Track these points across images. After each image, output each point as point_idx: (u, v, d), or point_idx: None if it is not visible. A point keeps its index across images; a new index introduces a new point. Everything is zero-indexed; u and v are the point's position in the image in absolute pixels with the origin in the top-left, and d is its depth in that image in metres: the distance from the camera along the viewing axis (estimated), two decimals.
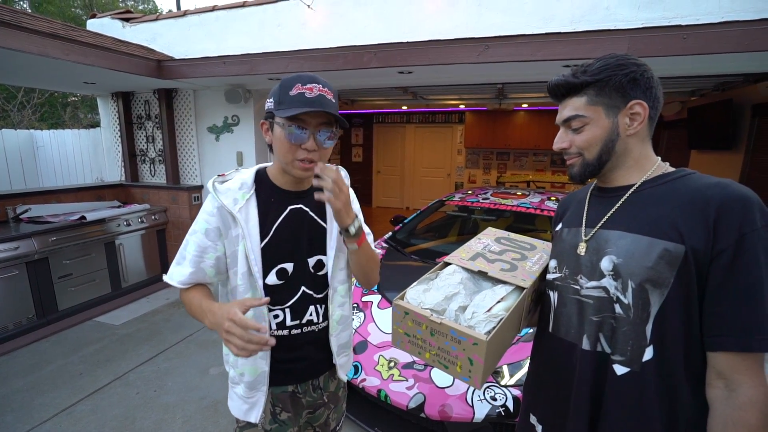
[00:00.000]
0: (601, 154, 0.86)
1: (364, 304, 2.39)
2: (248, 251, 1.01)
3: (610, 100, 0.83)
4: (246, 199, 1.04)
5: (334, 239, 1.14)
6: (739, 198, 0.73)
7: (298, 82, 0.96)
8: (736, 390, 0.71)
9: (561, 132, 0.92)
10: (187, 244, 1.06)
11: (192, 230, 1.06)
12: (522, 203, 3.18)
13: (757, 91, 4.08)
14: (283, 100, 0.97)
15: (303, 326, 1.12)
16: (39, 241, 3.17)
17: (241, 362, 1.07)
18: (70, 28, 3.03)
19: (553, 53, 2.53)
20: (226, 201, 1.01)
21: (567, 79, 0.86)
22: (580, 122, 0.86)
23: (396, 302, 0.94)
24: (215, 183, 1.05)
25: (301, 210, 1.11)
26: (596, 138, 0.85)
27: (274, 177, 1.11)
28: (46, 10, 11.93)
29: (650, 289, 0.77)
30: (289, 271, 1.08)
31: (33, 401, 2.42)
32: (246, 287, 1.04)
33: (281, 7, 3.57)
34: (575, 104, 0.86)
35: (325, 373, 1.21)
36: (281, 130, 0.98)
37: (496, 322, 0.84)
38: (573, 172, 0.92)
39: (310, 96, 0.95)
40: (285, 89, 0.96)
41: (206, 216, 1.04)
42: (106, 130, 4.94)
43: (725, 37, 2.21)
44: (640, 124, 0.84)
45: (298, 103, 0.94)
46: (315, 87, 0.96)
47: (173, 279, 1.06)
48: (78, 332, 3.34)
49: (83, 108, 11.74)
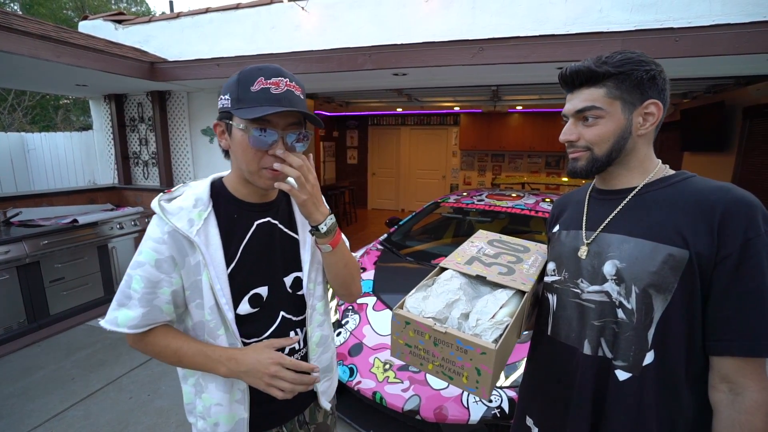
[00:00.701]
0: (611, 150, 0.83)
1: (359, 306, 2.38)
2: (212, 280, 0.85)
3: (628, 96, 0.81)
4: (203, 219, 0.86)
5: (308, 249, 1.00)
6: (743, 203, 0.73)
7: (260, 76, 0.80)
8: (741, 394, 0.71)
9: (570, 124, 0.87)
10: (131, 280, 0.85)
11: (136, 262, 0.85)
12: (517, 205, 3.19)
13: (749, 94, 4.13)
14: (242, 97, 0.80)
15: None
16: (30, 244, 3.14)
17: (215, 411, 0.91)
18: (61, 30, 3.01)
19: (546, 55, 2.55)
20: (179, 223, 0.83)
21: (589, 66, 0.81)
22: (595, 114, 0.82)
23: (396, 311, 0.90)
24: (161, 202, 0.86)
25: (270, 224, 0.96)
26: (609, 133, 0.82)
27: (234, 188, 0.93)
28: (37, 12, 11.86)
29: (654, 294, 0.76)
30: (264, 296, 0.93)
31: (24, 407, 2.38)
32: (217, 322, 0.88)
33: (275, 9, 3.57)
34: (593, 95, 0.82)
35: (310, 405, 1.07)
36: (242, 134, 0.82)
37: (503, 329, 0.82)
38: (578, 167, 0.87)
39: (276, 92, 0.80)
40: (244, 84, 0.80)
41: (154, 244, 0.84)
42: (99, 133, 4.90)
43: (716, 39, 2.24)
44: (652, 125, 0.82)
45: (262, 102, 0.79)
46: (281, 81, 0.81)
47: (121, 325, 0.84)
48: (70, 336, 3.30)
49: (75, 110, 11.67)
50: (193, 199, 0.87)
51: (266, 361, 0.82)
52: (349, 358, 2.06)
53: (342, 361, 2.05)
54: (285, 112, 0.81)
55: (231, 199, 0.93)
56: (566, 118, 0.88)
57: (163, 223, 0.84)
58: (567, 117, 0.88)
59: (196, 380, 0.95)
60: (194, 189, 0.91)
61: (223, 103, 0.84)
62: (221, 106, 0.85)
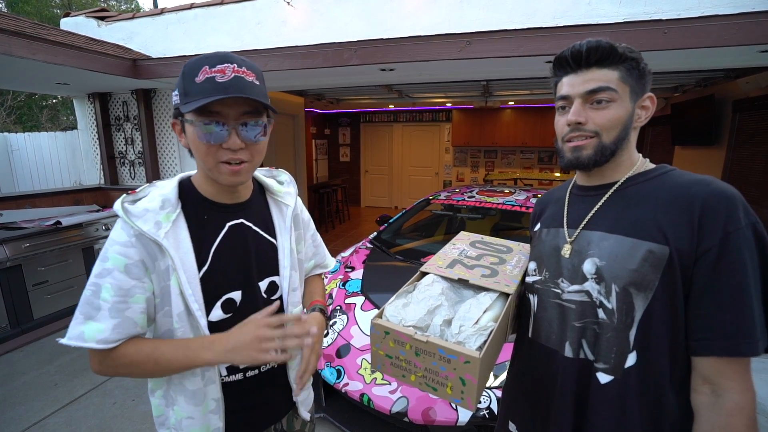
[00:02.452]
0: (618, 139, 0.78)
1: (348, 306, 2.34)
2: (183, 285, 0.79)
3: (636, 84, 0.77)
4: (172, 221, 0.81)
5: (287, 256, 0.96)
6: (723, 196, 0.70)
7: (204, 65, 0.74)
8: (722, 395, 0.68)
9: (577, 105, 0.78)
10: (98, 290, 0.76)
11: (101, 270, 0.77)
12: (507, 201, 3.16)
13: (738, 87, 4.13)
14: (188, 90, 0.75)
15: (260, 366, 0.93)
16: (11, 247, 3.06)
17: (186, 424, 0.86)
18: (38, 26, 2.92)
19: (535, 48, 2.51)
20: (145, 226, 0.77)
21: (611, 44, 0.75)
22: (609, 96, 0.76)
23: (374, 321, 0.85)
24: (125, 204, 0.79)
25: (243, 225, 0.91)
26: (619, 119, 0.77)
27: (202, 188, 0.88)
28: (22, 10, 11.66)
29: (634, 292, 0.73)
30: (238, 301, 0.88)
31: (3, 414, 2.32)
32: (186, 330, 0.82)
33: (261, 5, 3.51)
34: (607, 76, 0.76)
35: (288, 413, 1.03)
36: (192, 129, 0.77)
37: (487, 335, 0.78)
38: (583, 156, 0.79)
39: (222, 80, 0.74)
40: (189, 76, 0.75)
41: (121, 248, 0.77)
42: (84, 132, 4.80)
43: (705, 31, 2.21)
44: (646, 119, 0.80)
45: (208, 92, 0.74)
46: (228, 68, 0.75)
47: (88, 340, 0.75)
48: (54, 341, 3.22)
49: (63, 110, 11.50)
50: (160, 200, 0.81)
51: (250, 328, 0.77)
52: (336, 359, 2.02)
53: (329, 363, 2.01)
54: (234, 101, 0.76)
55: (200, 200, 0.87)
56: (566, 100, 0.80)
57: (127, 226, 0.78)
58: (570, 98, 0.80)
59: (164, 392, 0.90)
60: (161, 189, 0.85)
61: (174, 100, 0.80)
62: (174, 103, 0.81)
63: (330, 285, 2.59)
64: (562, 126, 0.82)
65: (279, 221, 0.98)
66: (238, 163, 0.80)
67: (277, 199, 1.00)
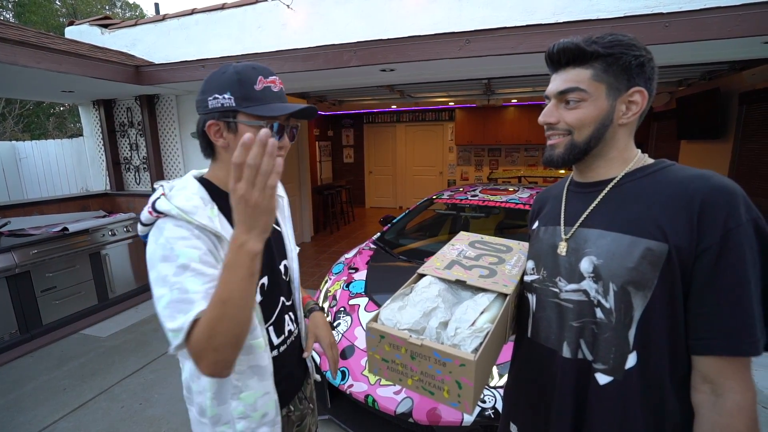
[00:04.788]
0: (591, 138, 0.78)
1: (351, 307, 2.34)
2: None
3: (614, 81, 0.76)
4: (216, 215, 0.85)
5: (291, 241, 1.10)
6: (724, 191, 0.68)
7: (259, 75, 0.84)
8: (723, 395, 0.67)
9: (550, 106, 0.81)
10: (183, 288, 0.73)
11: (176, 269, 0.74)
12: (511, 199, 3.14)
13: (744, 79, 4.07)
14: (249, 95, 0.83)
15: (287, 340, 1.04)
16: (19, 254, 3.10)
17: (261, 402, 0.91)
18: (42, 36, 2.96)
19: (535, 46, 2.49)
20: (203, 221, 0.80)
21: (578, 44, 0.76)
22: (578, 96, 0.77)
23: (369, 325, 0.84)
24: (175, 204, 0.81)
25: None
26: (590, 118, 0.77)
27: (224, 185, 0.92)
28: (29, 20, 11.83)
29: (633, 291, 0.71)
30: (266, 284, 0.97)
31: (13, 420, 2.35)
32: None
33: (261, 9, 3.52)
34: (579, 76, 0.76)
35: (304, 381, 1.13)
36: (254, 131, 0.80)
37: (483, 336, 0.76)
38: (555, 155, 0.82)
39: (276, 90, 0.86)
40: (248, 83, 0.83)
41: (187, 242, 0.77)
42: (89, 139, 4.85)
43: (707, 23, 2.18)
44: (634, 114, 0.77)
45: (269, 100, 0.85)
46: (276, 79, 0.87)
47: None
48: (63, 346, 3.26)
49: (71, 118, 11.64)
50: (198, 197, 0.84)
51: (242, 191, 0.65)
52: (340, 360, 2.02)
53: None
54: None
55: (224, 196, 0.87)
56: (548, 99, 0.83)
57: (184, 223, 0.79)
58: (549, 98, 0.82)
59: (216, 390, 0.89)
60: (187, 189, 0.86)
61: (223, 102, 0.83)
62: (220, 105, 0.84)
63: (334, 286, 2.59)
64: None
65: (279, 212, 1.09)
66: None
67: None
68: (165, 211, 0.79)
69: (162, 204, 0.80)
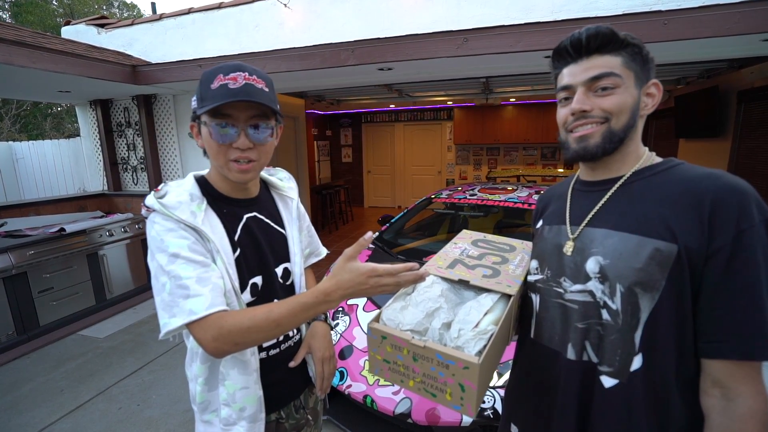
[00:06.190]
0: (627, 126, 0.74)
1: (350, 307, 2.33)
2: (227, 266, 0.87)
3: (640, 70, 0.74)
4: (203, 210, 0.89)
5: (296, 244, 1.07)
6: (735, 191, 0.66)
7: (219, 73, 0.83)
8: (734, 400, 0.65)
9: (580, 94, 0.76)
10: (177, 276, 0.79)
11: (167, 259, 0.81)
12: (510, 198, 3.13)
13: (742, 77, 4.07)
14: (205, 95, 0.84)
15: (281, 344, 1.03)
16: (16, 255, 3.08)
17: (240, 395, 0.91)
18: (38, 35, 2.94)
19: (533, 44, 2.49)
20: (183, 215, 0.84)
21: (612, 29, 0.73)
22: (612, 83, 0.73)
23: (371, 325, 0.83)
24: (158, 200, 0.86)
25: (257, 218, 1.00)
26: (627, 105, 0.73)
27: (217, 185, 0.96)
28: (26, 20, 11.78)
29: (640, 292, 0.69)
30: (260, 285, 0.97)
31: (10, 421, 2.33)
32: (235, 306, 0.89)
33: (258, 8, 3.51)
34: (610, 62, 0.73)
35: (305, 389, 1.11)
36: (207, 130, 0.86)
37: (487, 339, 0.74)
38: (590, 145, 0.76)
39: (234, 87, 0.83)
40: (206, 83, 0.84)
41: (176, 233, 0.83)
42: (86, 139, 4.83)
43: (705, 21, 2.18)
44: (653, 107, 0.77)
45: (221, 97, 0.82)
46: (239, 76, 0.83)
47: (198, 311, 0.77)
48: (60, 347, 3.25)
49: (68, 118, 11.60)
50: (187, 194, 0.89)
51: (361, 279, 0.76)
52: (339, 361, 2.01)
53: None
54: (244, 105, 0.84)
55: (217, 195, 0.96)
56: (568, 90, 0.78)
57: (165, 219, 0.84)
58: (572, 87, 0.77)
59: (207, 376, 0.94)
60: (182, 186, 0.92)
61: (193, 105, 0.90)
62: (193, 107, 0.89)
63: None
64: (565, 116, 0.78)
65: (286, 214, 1.09)
66: (246, 162, 0.88)
67: (282, 194, 1.11)
68: (149, 206, 0.85)
69: (148, 199, 0.86)
